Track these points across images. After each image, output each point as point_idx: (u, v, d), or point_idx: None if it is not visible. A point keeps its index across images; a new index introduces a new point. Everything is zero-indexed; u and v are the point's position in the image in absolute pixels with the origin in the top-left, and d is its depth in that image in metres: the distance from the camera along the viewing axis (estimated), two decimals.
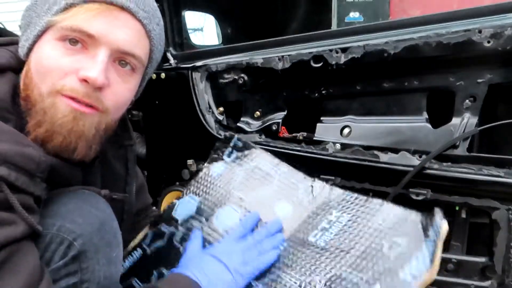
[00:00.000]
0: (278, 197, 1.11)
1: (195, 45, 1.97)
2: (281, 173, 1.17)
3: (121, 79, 0.86)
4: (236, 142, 1.26)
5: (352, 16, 3.14)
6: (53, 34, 0.81)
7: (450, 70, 1.25)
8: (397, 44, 1.25)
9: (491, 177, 1.16)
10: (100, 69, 0.80)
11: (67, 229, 0.81)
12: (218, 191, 1.16)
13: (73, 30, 0.80)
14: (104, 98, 0.83)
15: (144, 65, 0.90)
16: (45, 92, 0.80)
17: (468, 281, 1.22)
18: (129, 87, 0.88)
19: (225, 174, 1.19)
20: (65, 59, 0.80)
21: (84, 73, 0.79)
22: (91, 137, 0.84)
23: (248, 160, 1.21)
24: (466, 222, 1.29)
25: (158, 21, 0.90)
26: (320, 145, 1.41)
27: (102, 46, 0.81)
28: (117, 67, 0.85)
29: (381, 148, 1.32)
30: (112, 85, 0.84)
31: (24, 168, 0.73)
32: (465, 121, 1.24)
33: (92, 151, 0.87)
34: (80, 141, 0.83)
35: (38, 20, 0.83)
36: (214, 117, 1.59)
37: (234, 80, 1.55)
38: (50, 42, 0.81)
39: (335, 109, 1.44)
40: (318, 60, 1.37)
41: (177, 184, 1.71)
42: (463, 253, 1.29)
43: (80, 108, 0.81)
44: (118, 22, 0.82)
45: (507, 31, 1.12)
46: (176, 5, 1.70)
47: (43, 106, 0.80)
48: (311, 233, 1.02)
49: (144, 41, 0.87)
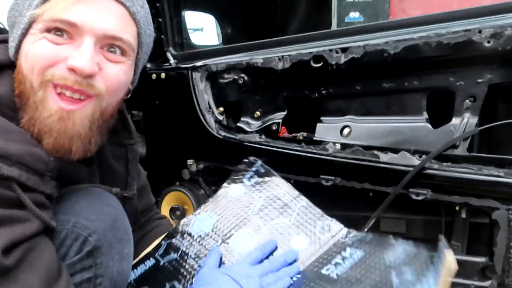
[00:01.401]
0: (295, 230, 1.11)
1: (195, 45, 1.97)
2: (300, 207, 1.18)
3: (112, 63, 0.84)
4: (259, 167, 1.27)
5: (352, 16, 3.14)
6: (36, 27, 0.80)
7: (450, 70, 1.25)
8: (397, 44, 1.25)
9: (491, 177, 1.16)
10: (87, 58, 0.78)
11: (82, 225, 0.82)
12: (236, 214, 1.16)
13: (54, 21, 0.78)
14: (96, 82, 0.81)
15: (135, 50, 0.88)
16: (36, 84, 0.79)
17: (468, 281, 1.22)
18: (122, 69, 0.86)
19: (244, 198, 1.19)
20: (52, 49, 0.79)
21: (71, 62, 0.78)
22: (87, 133, 0.82)
23: (268, 187, 1.22)
24: (466, 222, 1.29)
25: (142, 3, 0.88)
26: (320, 145, 1.41)
27: (86, 34, 0.79)
28: (106, 54, 0.83)
29: (381, 148, 1.33)
30: (103, 69, 0.82)
31: (34, 168, 0.73)
32: (465, 121, 1.24)
33: (92, 145, 0.85)
34: (73, 141, 0.81)
35: (21, 18, 0.82)
36: (214, 117, 1.59)
37: (234, 80, 1.54)
38: (35, 35, 0.80)
39: (335, 109, 1.44)
40: (318, 60, 1.37)
41: (177, 184, 1.71)
42: (463, 253, 1.29)
43: (67, 107, 0.79)
44: (99, 7, 0.80)
45: (507, 31, 1.12)
46: (176, 5, 1.70)
47: (35, 99, 0.79)
48: (325, 267, 1.04)
49: (130, 24, 0.85)
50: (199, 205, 1.66)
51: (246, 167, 1.27)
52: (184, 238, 1.11)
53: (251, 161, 1.28)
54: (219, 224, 1.13)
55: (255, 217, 1.14)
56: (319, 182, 1.42)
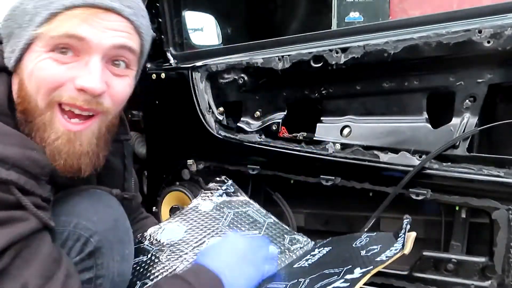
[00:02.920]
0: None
1: (195, 45, 1.97)
2: (269, 223, 1.25)
3: (118, 78, 0.85)
4: (229, 187, 1.34)
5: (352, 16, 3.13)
6: (41, 45, 0.79)
7: (450, 70, 1.25)
8: (397, 44, 1.25)
9: (491, 177, 1.17)
10: (97, 77, 0.79)
11: (83, 226, 0.84)
12: (207, 224, 1.20)
13: (62, 37, 0.78)
14: (104, 100, 0.83)
15: (138, 59, 0.90)
16: (42, 105, 0.80)
17: (468, 281, 1.22)
18: (128, 83, 0.88)
19: (214, 213, 1.25)
20: (59, 69, 0.79)
21: (81, 83, 0.79)
22: (94, 150, 0.84)
23: (237, 205, 1.29)
24: (466, 222, 1.29)
25: (143, 13, 0.90)
26: (320, 145, 1.41)
27: (94, 52, 0.79)
28: (112, 69, 0.84)
29: (381, 148, 1.33)
30: (110, 86, 0.83)
31: (31, 172, 0.74)
32: (465, 121, 1.24)
33: (101, 159, 0.87)
34: (82, 160, 0.82)
35: (21, 32, 0.81)
36: (214, 117, 1.59)
37: (234, 80, 1.54)
38: (40, 54, 0.79)
39: (335, 109, 1.44)
40: (318, 60, 1.37)
41: (177, 184, 1.71)
42: (463, 253, 1.29)
43: (74, 128, 0.81)
44: (105, 24, 0.80)
45: (507, 31, 1.12)
46: (176, 5, 1.69)
47: (43, 120, 0.80)
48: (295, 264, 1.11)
49: (135, 36, 0.86)
50: None
51: (216, 186, 1.34)
52: (153, 244, 1.13)
53: (222, 180, 1.35)
54: (190, 232, 1.17)
55: (225, 228, 1.19)
56: (319, 182, 1.42)
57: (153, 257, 1.09)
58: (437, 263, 1.27)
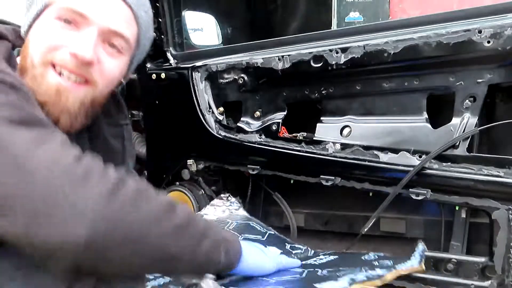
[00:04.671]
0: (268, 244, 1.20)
1: (195, 45, 1.97)
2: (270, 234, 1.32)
3: (110, 56, 0.91)
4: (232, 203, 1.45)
5: (352, 16, 3.13)
6: (50, 13, 0.87)
7: (450, 70, 1.25)
8: (397, 44, 1.25)
9: (491, 177, 1.17)
10: (90, 46, 0.85)
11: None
12: None
13: (67, 10, 0.86)
14: (93, 72, 0.88)
15: (132, 48, 0.95)
16: (37, 61, 0.86)
17: (468, 281, 1.22)
18: (118, 64, 0.93)
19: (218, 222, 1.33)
20: (59, 34, 0.86)
21: (74, 49, 0.85)
22: (75, 111, 0.89)
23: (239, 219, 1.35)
24: (466, 222, 1.29)
25: (146, 9, 0.96)
26: (320, 145, 1.41)
27: (92, 25, 0.86)
28: (105, 47, 0.90)
29: (381, 148, 1.33)
30: (100, 61, 0.88)
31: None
32: (465, 121, 1.24)
33: (77, 122, 0.91)
34: (62, 114, 0.87)
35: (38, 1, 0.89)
36: (214, 117, 1.59)
37: (234, 80, 1.54)
38: (47, 19, 0.87)
39: (335, 109, 1.44)
40: (318, 60, 1.37)
41: (177, 184, 1.71)
42: (463, 253, 1.29)
43: (65, 83, 0.86)
44: (109, 5, 0.88)
45: (507, 31, 1.12)
46: (176, 5, 1.70)
47: (34, 73, 0.86)
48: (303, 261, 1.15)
49: (132, 25, 0.92)
50: (199, 205, 1.67)
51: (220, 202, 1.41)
52: None
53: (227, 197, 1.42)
54: None
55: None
56: (319, 182, 1.42)
57: None
58: (437, 263, 1.27)
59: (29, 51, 0.88)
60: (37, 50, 0.87)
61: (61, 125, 0.88)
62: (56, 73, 0.86)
